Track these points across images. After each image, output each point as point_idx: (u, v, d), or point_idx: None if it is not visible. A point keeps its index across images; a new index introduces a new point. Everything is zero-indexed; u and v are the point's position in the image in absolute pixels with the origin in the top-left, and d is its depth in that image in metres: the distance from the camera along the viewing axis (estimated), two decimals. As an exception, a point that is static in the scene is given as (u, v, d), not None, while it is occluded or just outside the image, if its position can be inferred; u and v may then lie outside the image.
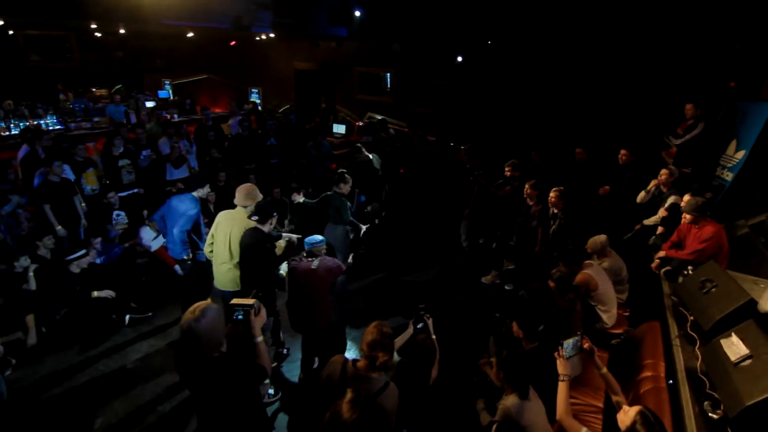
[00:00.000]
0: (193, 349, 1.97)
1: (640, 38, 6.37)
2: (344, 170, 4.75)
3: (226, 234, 3.62)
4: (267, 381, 3.60)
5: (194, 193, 4.19)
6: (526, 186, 5.01)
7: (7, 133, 7.45)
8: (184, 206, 4.13)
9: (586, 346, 2.54)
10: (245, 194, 3.67)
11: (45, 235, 4.61)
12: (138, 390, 3.72)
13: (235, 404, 2.10)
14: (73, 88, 10.04)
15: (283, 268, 3.88)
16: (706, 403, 2.50)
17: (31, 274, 4.18)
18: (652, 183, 4.99)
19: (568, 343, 2.51)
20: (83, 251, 4.49)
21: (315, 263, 3.44)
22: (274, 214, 3.64)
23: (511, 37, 7.57)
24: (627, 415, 2.05)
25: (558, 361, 2.48)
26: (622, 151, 5.42)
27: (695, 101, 5.30)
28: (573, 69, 7.29)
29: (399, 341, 2.88)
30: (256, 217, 3.57)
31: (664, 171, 4.83)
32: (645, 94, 6.72)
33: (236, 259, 3.62)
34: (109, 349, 4.21)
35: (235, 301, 2.23)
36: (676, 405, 2.63)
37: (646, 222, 4.99)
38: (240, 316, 2.17)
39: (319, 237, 3.58)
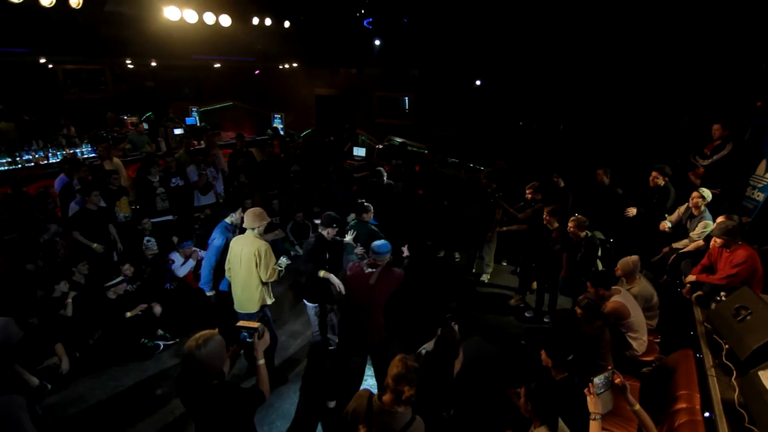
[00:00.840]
0: (193, 376, 2.07)
1: (665, 59, 6.34)
2: (364, 200, 4.83)
3: (238, 257, 3.77)
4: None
5: (227, 219, 4.33)
6: (545, 212, 4.98)
7: (46, 162, 7.85)
8: (212, 235, 4.28)
9: (617, 381, 2.50)
10: (253, 217, 3.79)
11: (80, 261, 4.83)
12: (164, 415, 3.79)
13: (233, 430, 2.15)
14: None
15: (283, 261, 3.90)
16: (746, 438, 2.41)
17: (69, 300, 4.36)
18: (680, 208, 4.89)
19: (599, 379, 2.47)
20: (121, 278, 4.65)
21: (374, 275, 3.32)
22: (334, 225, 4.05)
23: (531, 58, 7.65)
24: None
25: (588, 399, 2.44)
26: (653, 173, 5.25)
27: (723, 121, 5.23)
28: (597, 90, 7.28)
29: (428, 345, 2.99)
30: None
31: (695, 193, 4.73)
32: (672, 114, 6.64)
33: (254, 279, 3.74)
34: (141, 374, 4.31)
35: (241, 323, 2.38)
36: (714, 440, 2.54)
37: (675, 245, 4.88)
38: (248, 338, 2.31)
39: (386, 246, 3.41)
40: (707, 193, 4.66)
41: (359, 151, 10.33)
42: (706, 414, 2.76)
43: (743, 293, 3.34)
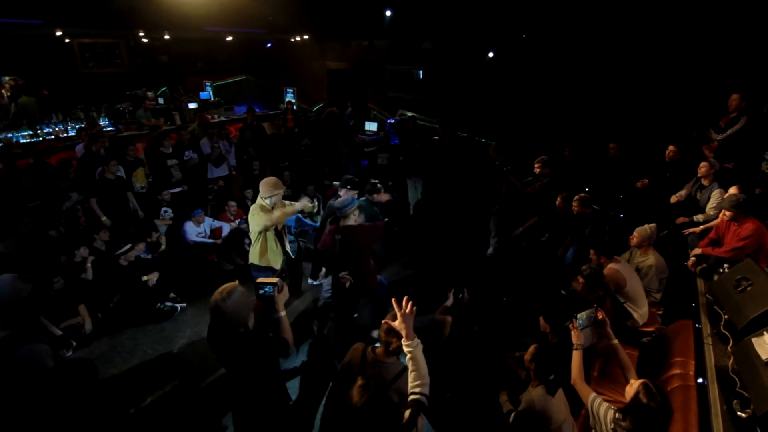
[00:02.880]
0: (221, 326, 2.21)
1: (685, 31, 6.12)
2: (377, 181, 4.89)
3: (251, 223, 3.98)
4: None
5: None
6: (558, 198, 5.00)
7: (65, 135, 8.07)
8: None
9: (600, 317, 2.68)
10: (268, 186, 3.88)
11: (101, 229, 5.05)
12: (183, 371, 4.03)
13: (260, 375, 2.31)
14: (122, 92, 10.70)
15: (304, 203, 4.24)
16: (735, 401, 2.47)
17: (89, 264, 4.59)
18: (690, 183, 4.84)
19: (582, 315, 2.68)
20: (129, 246, 4.85)
21: (357, 219, 3.67)
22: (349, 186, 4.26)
23: (545, 30, 7.45)
24: (632, 387, 2.26)
25: (572, 333, 2.65)
26: (671, 147, 5.21)
27: (742, 92, 5.09)
28: (612, 63, 7.09)
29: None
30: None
31: (703, 164, 4.68)
32: (692, 87, 6.45)
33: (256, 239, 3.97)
34: (157, 335, 4.56)
35: (260, 279, 2.47)
36: (705, 403, 2.60)
37: (696, 218, 4.79)
38: (268, 292, 2.40)
39: (348, 198, 3.73)
40: (714, 162, 4.63)
41: (371, 126, 10.30)
42: (700, 380, 2.83)
43: (746, 265, 3.34)
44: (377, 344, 2.33)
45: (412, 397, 1.99)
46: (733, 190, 4.22)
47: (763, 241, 3.82)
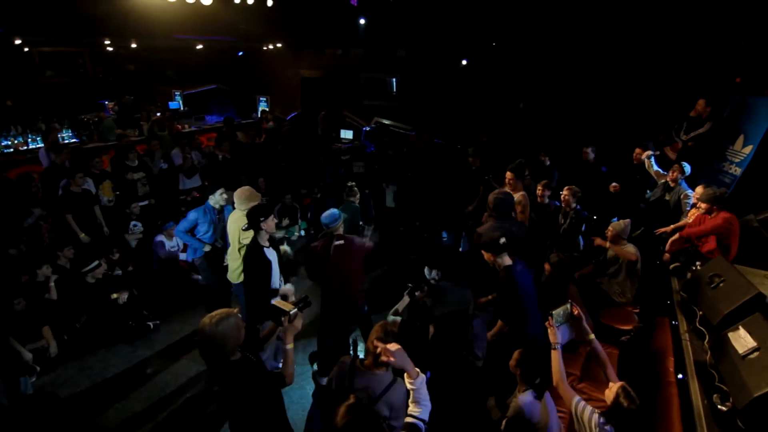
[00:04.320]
0: (208, 352, 2.08)
1: (646, 37, 6.38)
2: (353, 183, 4.86)
3: (231, 233, 3.90)
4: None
5: (210, 201, 4.32)
6: (538, 186, 5.07)
7: (25, 147, 7.68)
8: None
9: (575, 313, 2.63)
10: (241, 198, 3.78)
11: (66, 245, 4.78)
12: (154, 393, 3.83)
13: (255, 406, 2.18)
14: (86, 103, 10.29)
15: (287, 249, 4.02)
16: (715, 396, 2.52)
17: (52, 284, 4.33)
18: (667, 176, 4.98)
19: (558, 312, 2.61)
20: (96, 263, 4.62)
21: (340, 240, 3.48)
22: (263, 219, 3.37)
23: (515, 37, 7.62)
24: (611, 390, 2.25)
25: (549, 331, 2.58)
26: (637, 150, 5.40)
27: (707, 97, 5.32)
28: (581, 68, 7.31)
29: (400, 305, 3.21)
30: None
31: (676, 166, 4.84)
32: (657, 92, 6.71)
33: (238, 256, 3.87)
34: (129, 356, 4.33)
35: (276, 302, 2.31)
36: (686, 399, 2.65)
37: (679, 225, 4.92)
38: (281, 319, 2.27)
39: (336, 212, 3.57)
40: (687, 167, 4.78)
41: (346, 134, 10.26)
42: (680, 376, 2.89)
43: (717, 262, 3.47)
44: (366, 357, 2.26)
45: (408, 419, 1.95)
46: (699, 189, 4.39)
47: (734, 231, 3.96)
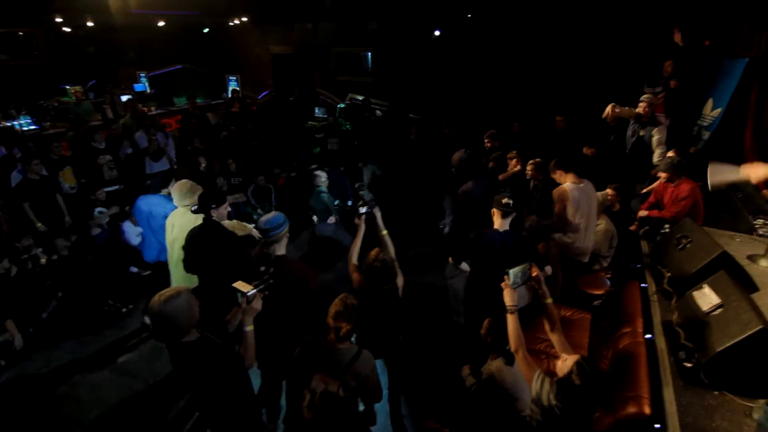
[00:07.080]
0: (161, 333, 2.01)
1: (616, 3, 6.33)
2: (316, 166, 4.71)
3: (171, 238, 3.47)
4: None
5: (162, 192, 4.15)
6: (509, 155, 5.04)
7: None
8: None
9: (534, 274, 2.41)
10: (181, 192, 3.36)
11: (24, 235, 4.58)
12: (130, 383, 3.74)
13: (216, 388, 2.12)
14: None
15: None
16: (680, 353, 2.57)
17: (12, 275, 4.15)
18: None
19: (515, 270, 2.33)
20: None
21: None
22: (214, 206, 3.05)
23: (490, 8, 7.46)
24: (565, 363, 2.13)
25: (504, 292, 2.34)
26: (608, 109, 5.06)
27: (674, 58, 5.32)
28: (551, 37, 7.23)
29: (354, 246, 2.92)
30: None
31: (643, 97, 4.80)
32: (625, 57, 6.69)
33: (179, 264, 3.29)
34: (98, 344, 4.20)
35: (236, 284, 2.19)
36: (654, 356, 2.71)
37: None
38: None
39: (280, 217, 2.74)
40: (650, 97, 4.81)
41: (319, 112, 10.03)
42: (648, 336, 2.94)
43: (685, 224, 3.51)
44: (326, 332, 2.19)
45: None
46: (671, 153, 4.41)
47: (698, 199, 4.03)
